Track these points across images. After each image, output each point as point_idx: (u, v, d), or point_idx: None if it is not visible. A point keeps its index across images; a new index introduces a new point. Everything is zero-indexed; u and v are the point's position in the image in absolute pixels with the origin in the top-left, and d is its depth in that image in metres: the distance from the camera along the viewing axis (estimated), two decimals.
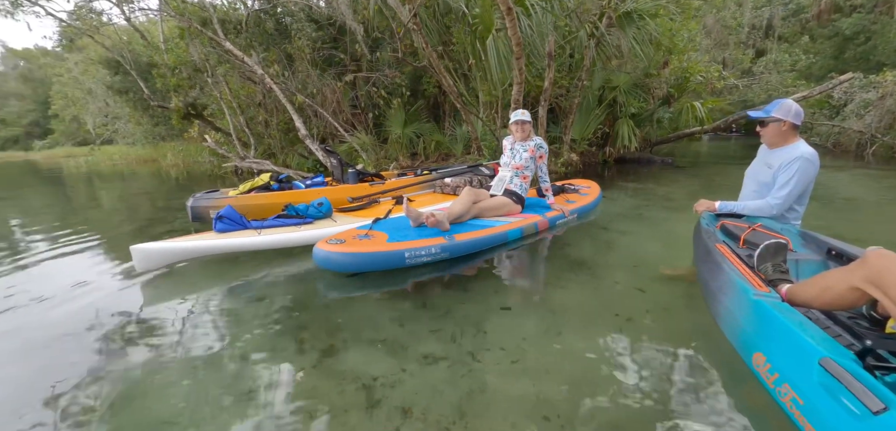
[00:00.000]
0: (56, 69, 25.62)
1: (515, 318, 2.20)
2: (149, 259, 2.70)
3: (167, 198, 6.95)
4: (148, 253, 2.68)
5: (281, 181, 4.46)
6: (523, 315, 2.24)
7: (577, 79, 6.74)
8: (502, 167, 3.43)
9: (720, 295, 1.77)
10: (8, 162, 26.47)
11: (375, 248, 2.47)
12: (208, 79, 8.43)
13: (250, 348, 2.02)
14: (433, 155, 8.42)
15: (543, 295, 2.47)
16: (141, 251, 2.67)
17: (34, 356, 2.05)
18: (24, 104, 41.26)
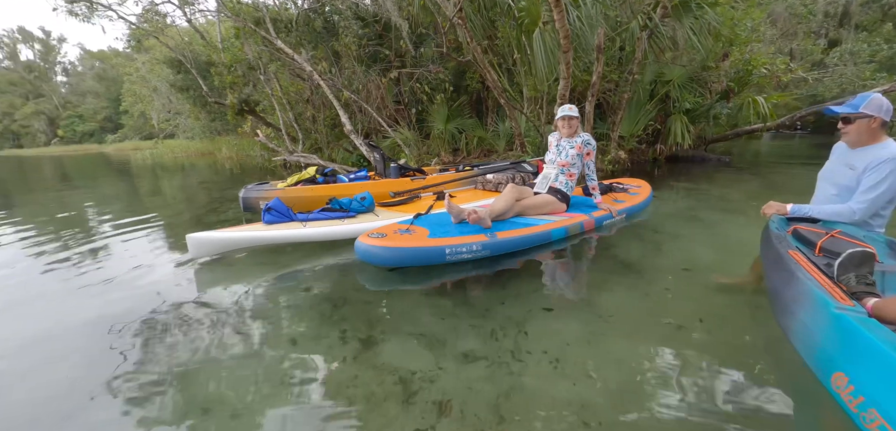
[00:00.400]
0: (126, 69, 27.73)
1: (558, 320, 2.12)
2: (203, 247, 2.85)
3: (222, 189, 7.31)
4: (202, 242, 2.83)
5: (326, 174, 4.58)
6: (566, 317, 2.15)
7: (626, 73, 6.44)
8: (547, 164, 3.32)
9: (793, 306, 1.61)
10: (85, 154, 29.07)
11: (416, 243, 2.47)
12: (261, 76, 8.81)
13: (294, 336, 2.07)
14: (475, 151, 8.36)
15: (588, 298, 2.36)
16: (196, 240, 2.83)
17: (96, 334, 2.19)
18: (98, 101, 45.03)
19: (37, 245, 3.92)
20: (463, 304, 2.30)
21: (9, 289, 2.82)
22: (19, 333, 2.24)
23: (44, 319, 2.39)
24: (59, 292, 2.75)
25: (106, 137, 40.84)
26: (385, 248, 2.43)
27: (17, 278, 3.03)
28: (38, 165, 17.77)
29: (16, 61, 49.81)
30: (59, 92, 50.03)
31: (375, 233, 2.57)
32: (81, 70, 52.13)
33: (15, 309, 2.54)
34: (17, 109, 47.10)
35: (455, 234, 2.60)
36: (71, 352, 2.04)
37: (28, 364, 1.96)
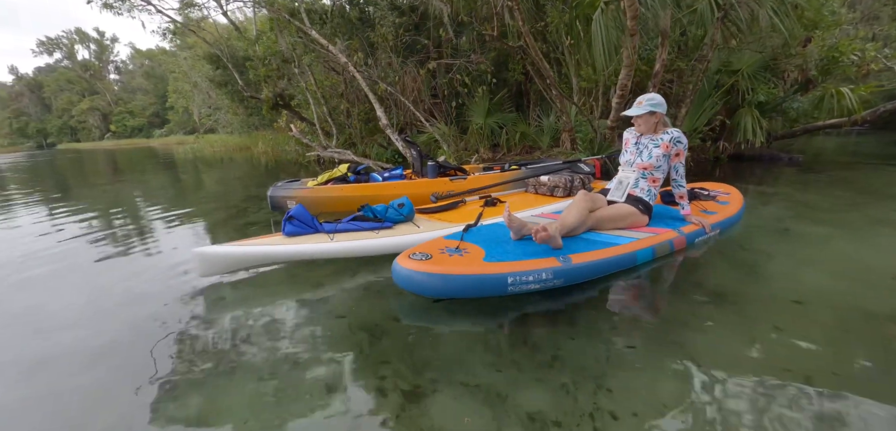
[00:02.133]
0: (170, 65, 28.76)
1: (645, 369, 1.65)
2: (211, 264, 2.40)
3: (257, 184, 7.17)
4: (210, 258, 2.38)
5: (358, 173, 4.26)
6: (654, 364, 1.68)
7: (694, 59, 5.74)
8: (624, 166, 2.78)
9: None
10: (134, 147, 30.73)
11: (470, 269, 1.97)
12: (295, 69, 8.61)
13: (325, 379, 1.69)
14: (516, 147, 7.84)
15: (677, 337, 1.86)
16: (203, 255, 2.37)
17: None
18: (147, 98, 47.25)
19: (88, 234, 4.23)
20: (523, 344, 1.85)
21: (63, 274, 3.07)
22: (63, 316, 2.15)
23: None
24: (95, 275, 2.96)
25: (153, 132, 42.78)
26: (431, 275, 1.95)
27: (70, 264, 3.28)
28: (94, 158, 18.84)
29: (73, 61, 52.98)
30: (112, 89, 52.86)
31: (418, 254, 2.09)
32: (132, 68, 54.87)
33: (62, 291, 2.70)
34: (75, 106, 50.18)
35: (517, 256, 2.10)
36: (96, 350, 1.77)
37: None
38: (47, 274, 3.09)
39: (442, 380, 1.65)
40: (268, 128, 15.47)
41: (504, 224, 2.56)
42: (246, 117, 16.25)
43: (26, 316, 2.42)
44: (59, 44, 53.02)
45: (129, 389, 1.70)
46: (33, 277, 3.05)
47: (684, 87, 6.01)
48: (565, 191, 3.44)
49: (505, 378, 1.65)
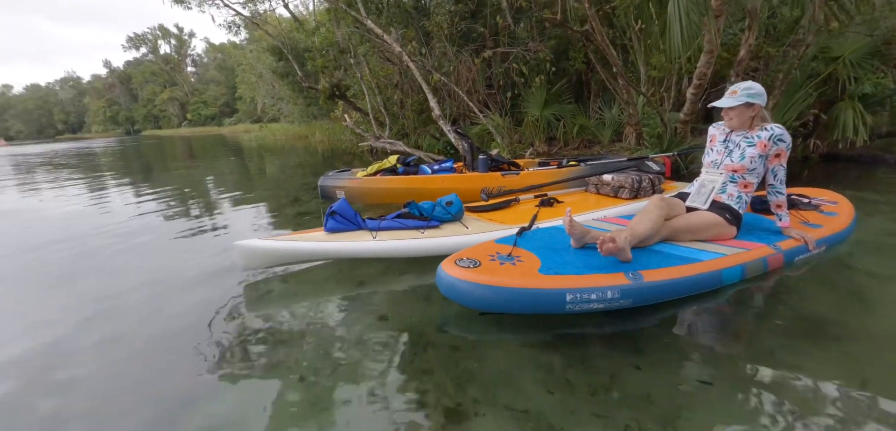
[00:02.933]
0: (239, 58, 30.51)
1: (724, 412, 1.37)
2: (252, 257, 2.34)
3: (312, 173, 7.35)
4: (252, 252, 2.32)
5: (408, 164, 4.14)
6: (735, 406, 1.39)
7: (788, 44, 5.04)
8: (707, 168, 2.39)
9: None
10: (207, 134, 33.22)
11: (523, 281, 1.73)
12: (351, 60, 8.68)
13: (366, 385, 1.57)
14: (574, 141, 7.41)
15: (765, 377, 1.53)
16: (244, 249, 2.30)
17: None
18: (219, 89, 50.60)
19: (163, 211, 4.65)
20: (579, 366, 1.61)
21: (144, 247, 3.36)
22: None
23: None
24: (163, 253, 3.18)
25: (224, 120, 45.78)
26: (480, 286, 1.73)
27: (143, 241, 3.57)
28: (172, 143, 20.57)
29: (156, 55, 57.95)
30: (189, 81, 57.27)
31: (466, 260, 1.88)
32: (206, 61, 59.01)
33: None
34: (157, 96, 54.96)
35: (578, 269, 1.82)
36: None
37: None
38: (122, 248, 3.36)
39: (486, 401, 1.48)
40: (325, 118, 15.93)
41: (563, 228, 2.29)
42: (305, 107, 16.81)
43: (95, 290, 2.54)
44: (144, 39, 58.18)
45: (175, 372, 1.71)
46: (106, 250, 3.30)
47: (773, 77, 5.30)
48: (632, 193, 3.09)
49: (557, 406, 1.44)
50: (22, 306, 2.47)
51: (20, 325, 2.22)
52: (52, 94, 75.10)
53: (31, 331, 2.13)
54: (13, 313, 2.39)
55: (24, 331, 2.14)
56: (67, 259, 3.20)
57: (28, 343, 2.01)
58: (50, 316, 2.29)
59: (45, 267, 3.07)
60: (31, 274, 2.96)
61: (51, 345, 1.98)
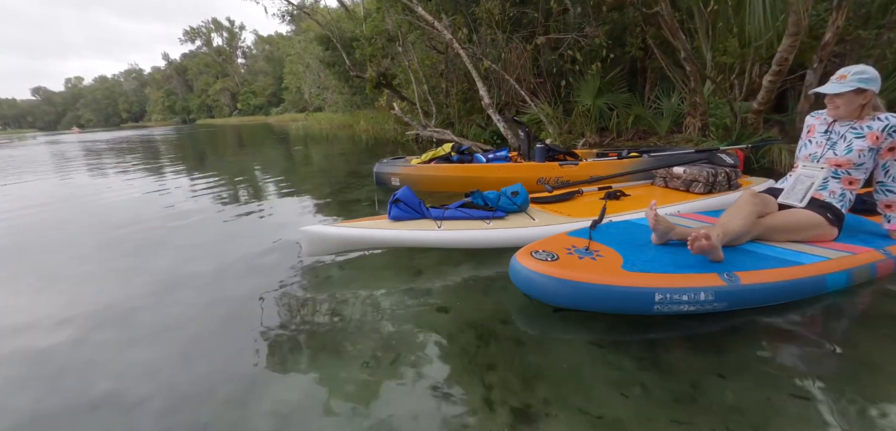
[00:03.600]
0: (286, 49, 31.43)
1: (824, 428, 1.21)
2: (317, 244, 2.31)
3: (358, 161, 7.44)
4: (316, 238, 2.28)
5: (462, 152, 4.07)
6: (836, 422, 1.23)
7: (880, 26, 4.54)
8: (805, 161, 2.16)
9: None
10: (255, 123, 34.57)
11: (606, 278, 1.60)
12: (399, 48, 8.69)
13: (429, 378, 1.51)
14: (628, 132, 7.07)
15: (872, 393, 1.34)
16: (310, 235, 2.27)
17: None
18: (267, 79, 52.48)
19: (218, 197, 4.75)
20: (654, 371, 1.48)
21: (204, 229, 3.49)
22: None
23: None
24: (221, 238, 3.24)
25: (271, 110, 47.49)
26: (558, 280, 1.63)
27: (211, 222, 3.73)
28: (224, 132, 21.54)
29: (210, 47, 60.79)
30: (239, 72, 59.75)
31: (542, 253, 1.77)
32: (255, 53, 61.33)
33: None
34: (210, 86, 57.72)
35: (664, 267, 1.67)
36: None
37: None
38: (184, 229, 3.51)
39: (556, 401, 1.38)
40: (368, 107, 16.13)
41: (637, 222, 2.14)
42: (350, 96, 17.10)
43: (165, 269, 2.64)
44: (199, 32, 61.14)
45: (243, 353, 1.71)
46: (171, 234, 3.44)
47: (863, 62, 4.80)
48: (706, 187, 2.87)
49: (632, 411, 1.33)
50: (96, 282, 2.61)
51: (97, 299, 2.34)
52: (117, 86, 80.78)
53: (103, 305, 2.23)
54: (91, 287, 2.53)
55: (99, 306, 2.25)
56: (139, 238, 3.38)
57: (101, 316, 2.11)
58: (122, 292, 2.39)
59: (119, 244, 3.25)
60: (105, 251, 3.14)
61: (124, 319, 2.07)
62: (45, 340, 1.92)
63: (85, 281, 2.62)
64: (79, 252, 3.17)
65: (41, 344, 1.90)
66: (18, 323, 2.10)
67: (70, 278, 2.67)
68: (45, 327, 2.04)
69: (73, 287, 2.52)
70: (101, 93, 79.76)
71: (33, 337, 1.97)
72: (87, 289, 2.49)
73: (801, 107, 4.91)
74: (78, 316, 2.11)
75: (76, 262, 2.94)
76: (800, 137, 2.31)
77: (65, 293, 2.43)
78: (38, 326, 2.05)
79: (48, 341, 1.91)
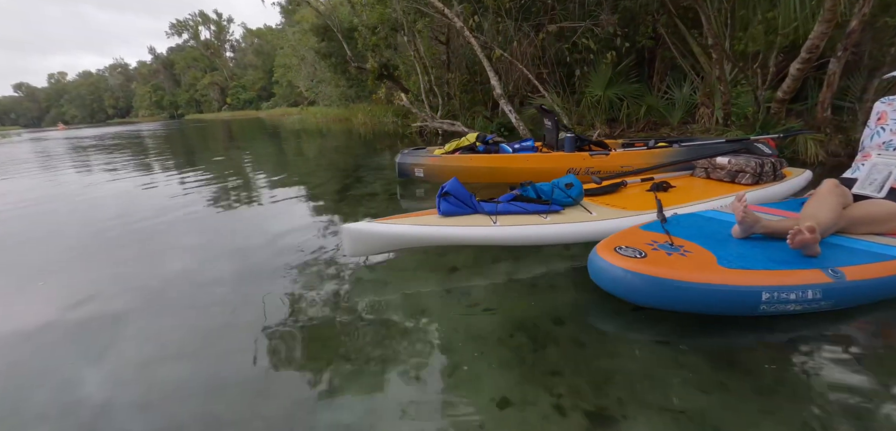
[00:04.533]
0: (278, 41, 30.84)
1: None
2: (361, 242, 2.06)
3: (364, 154, 7.22)
4: (362, 237, 2.04)
5: (487, 142, 3.92)
6: None
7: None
8: (879, 150, 2.04)
9: None
10: (246, 117, 34.01)
11: (706, 277, 1.47)
12: (404, 37, 8.44)
13: (490, 389, 1.38)
14: (639, 123, 6.97)
15: None
16: (354, 233, 2.03)
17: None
18: (256, 73, 51.55)
19: (230, 198, 4.41)
20: (728, 367, 1.39)
21: (211, 238, 3.14)
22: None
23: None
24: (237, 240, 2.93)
25: (261, 104, 46.71)
26: (651, 279, 1.49)
27: (217, 229, 3.36)
28: (214, 127, 21.10)
29: (198, 40, 59.56)
30: (228, 66, 58.65)
31: (628, 249, 1.63)
32: (244, 46, 60.25)
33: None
34: (199, 81, 56.64)
35: (762, 263, 1.54)
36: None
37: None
38: (200, 236, 3.29)
39: (631, 401, 1.29)
40: (365, 101, 15.82)
41: (705, 215, 2.01)
42: (346, 89, 16.74)
43: (184, 275, 2.49)
44: (186, 25, 59.85)
45: (292, 371, 1.56)
46: (187, 233, 3.28)
47: (884, 50, 4.73)
48: (754, 178, 2.73)
49: (716, 405, 1.24)
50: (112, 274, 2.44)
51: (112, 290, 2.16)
52: (102, 81, 78.86)
53: (126, 302, 2.08)
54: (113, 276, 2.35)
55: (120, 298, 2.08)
56: (144, 233, 3.23)
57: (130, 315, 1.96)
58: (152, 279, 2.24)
59: (127, 238, 3.09)
60: (106, 245, 2.98)
61: (147, 319, 1.92)
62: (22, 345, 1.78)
63: (90, 279, 2.44)
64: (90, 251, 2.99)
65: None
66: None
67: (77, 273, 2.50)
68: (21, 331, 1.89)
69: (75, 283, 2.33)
70: (86, 88, 77.79)
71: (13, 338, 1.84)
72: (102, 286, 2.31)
73: (822, 95, 4.82)
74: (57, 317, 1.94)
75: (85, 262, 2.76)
76: (866, 125, 2.19)
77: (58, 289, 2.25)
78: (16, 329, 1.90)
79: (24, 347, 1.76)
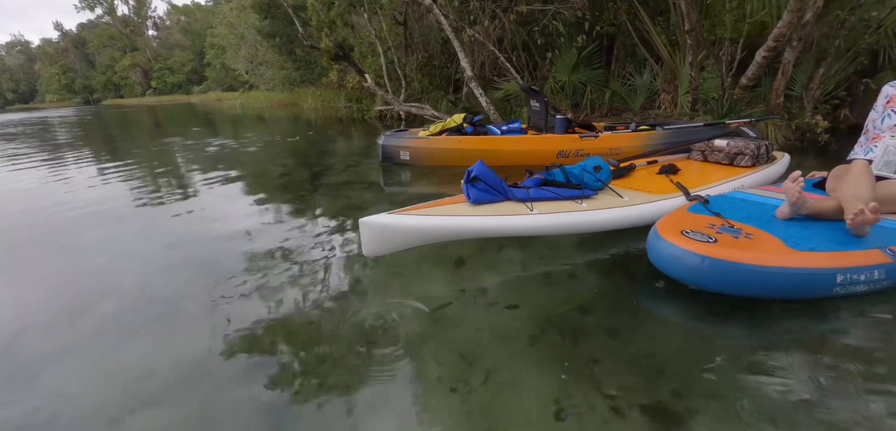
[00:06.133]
0: (213, 18, 28.41)
1: None
2: (384, 239, 1.75)
3: (316, 141, 6.76)
4: (384, 232, 1.73)
5: (474, 124, 3.75)
6: None
7: (849, 8, 4.78)
8: (891, 132, 2.07)
9: None
10: (174, 102, 31.20)
11: (781, 260, 1.42)
12: (364, 14, 7.91)
13: (528, 391, 1.26)
14: (603, 108, 7.08)
15: None
16: (374, 227, 1.72)
17: None
18: (185, 54, 47.46)
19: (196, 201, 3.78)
20: (791, 348, 1.36)
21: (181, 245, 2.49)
22: None
23: None
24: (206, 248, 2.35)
25: (192, 88, 43.12)
26: (726, 264, 1.42)
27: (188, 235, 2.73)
28: (138, 113, 19.02)
29: (114, 16, 53.63)
30: (151, 45, 53.45)
31: (697, 234, 1.55)
32: (169, 24, 55.18)
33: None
34: (117, 62, 51.08)
35: (824, 244, 1.53)
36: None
37: None
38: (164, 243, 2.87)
39: (688, 392, 1.22)
40: (312, 85, 14.92)
41: (738, 196, 1.95)
42: (292, 71, 15.67)
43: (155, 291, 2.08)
44: (99, 0, 53.66)
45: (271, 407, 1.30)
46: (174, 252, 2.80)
47: (830, 41, 5.07)
48: (753, 160, 2.75)
49: (777, 390, 1.21)
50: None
51: None
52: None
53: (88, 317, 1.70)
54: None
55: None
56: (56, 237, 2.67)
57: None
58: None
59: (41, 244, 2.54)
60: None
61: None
62: None
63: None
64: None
65: None
66: None
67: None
68: None
69: None
70: None
71: None
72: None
73: (777, 83, 5.09)
74: None
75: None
76: (873, 109, 2.23)
77: None
78: None
79: None
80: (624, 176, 2.54)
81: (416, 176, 3.65)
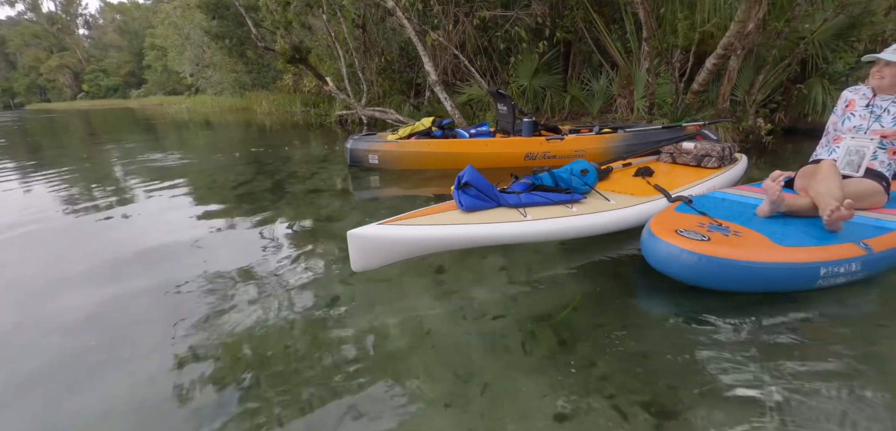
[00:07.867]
0: (153, 18, 26.65)
1: None
2: (374, 252, 1.62)
3: (275, 147, 6.48)
4: (374, 244, 1.60)
5: (443, 127, 3.71)
6: None
7: (785, 20, 5.18)
8: (852, 133, 2.19)
9: None
10: (110, 107, 28.91)
11: (770, 256, 1.50)
12: (323, 15, 7.63)
13: (530, 404, 1.22)
14: (562, 112, 7.26)
15: None
16: (363, 240, 1.59)
17: None
18: (121, 55, 44.29)
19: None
20: (765, 346, 1.41)
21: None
22: None
23: None
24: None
25: (130, 92, 40.30)
26: (720, 261, 1.47)
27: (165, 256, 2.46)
28: (67, 119, 17.37)
29: (38, 13, 49.19)
30: (82, 46, 49.45)
31: (691, 232, 1.59)
32: (102, 23, 51.36)
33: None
34: (43, 63, 46.69)
35: (805, 239, 1.62)
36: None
37: None
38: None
39: (685, 387, 1.25)
40: (264, 89, 14.28)
41: (715, 196, 2.01)
42: (243, 75, 14.93)
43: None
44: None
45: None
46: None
47: (769, 49, 5.46)
48: (719, 161, 2.87)
49: (782, 385, 1.23)
50: None
51: None
52: None
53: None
54: None
55: None
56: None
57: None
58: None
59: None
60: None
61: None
62: None
63: None
64: None
65: None
66: None
67: None
68: None
69: None
70: None
71: None
72: None
73: (723, 88, 5.41)
74: None
75: None
76: (833, 112, 2.37)
77: None
78: None
79: None
80: (605, 178, 2.57)
81: (386, 180, 3.54)
